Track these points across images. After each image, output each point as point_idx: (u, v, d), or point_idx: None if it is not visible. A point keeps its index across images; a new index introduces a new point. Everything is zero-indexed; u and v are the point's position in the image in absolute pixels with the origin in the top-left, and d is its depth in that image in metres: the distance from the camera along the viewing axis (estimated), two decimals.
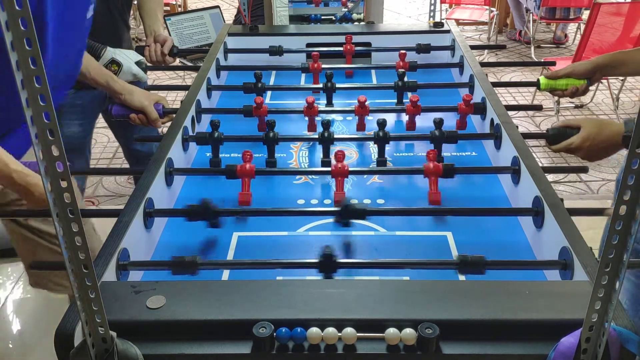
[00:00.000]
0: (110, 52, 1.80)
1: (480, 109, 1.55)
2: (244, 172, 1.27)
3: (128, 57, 1.83)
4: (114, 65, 1.80)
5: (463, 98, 1.57)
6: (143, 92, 1.68)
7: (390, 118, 1.67)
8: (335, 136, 1.41)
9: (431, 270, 1.04)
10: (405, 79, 1.92)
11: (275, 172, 1.40)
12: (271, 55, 1.94)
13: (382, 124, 1.39)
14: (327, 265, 0.99)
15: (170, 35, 2.27)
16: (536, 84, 1.71)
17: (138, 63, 1.85)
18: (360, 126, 1.57)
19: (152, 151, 2.19)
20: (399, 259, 1.09)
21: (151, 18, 2.02)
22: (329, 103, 1.67)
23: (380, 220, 1.22)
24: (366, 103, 1.55)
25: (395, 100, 1.69)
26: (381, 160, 1.41)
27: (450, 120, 1.56)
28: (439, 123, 1.40)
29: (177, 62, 2.16)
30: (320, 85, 1.69)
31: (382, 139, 1.39)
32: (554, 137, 1.43)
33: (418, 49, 1.93)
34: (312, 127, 1.56)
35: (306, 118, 1.57)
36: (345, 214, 1.12)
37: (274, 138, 1.39)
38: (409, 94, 1.61)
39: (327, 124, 1.39)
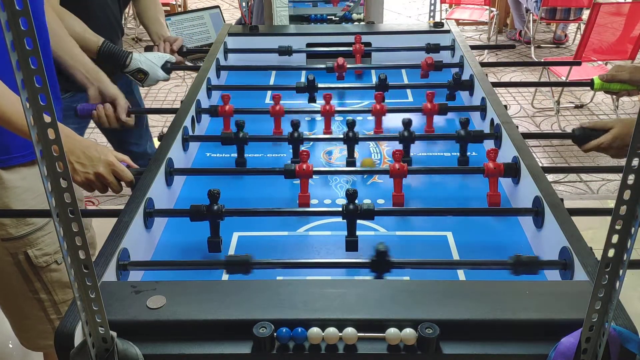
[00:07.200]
0: (137, 61, 1.79)
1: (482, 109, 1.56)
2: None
3: (153, 64, 1.82)
4: (140, 74, 1.79)
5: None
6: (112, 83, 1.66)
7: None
8: (360, 136, 1.40)
9: (431, 270, 1.04)
10: (406, 80, 1.93)
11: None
12: (280, 55, 1.94)
13: (351, 124, 1.38)
14: (380, 264, 0.99)
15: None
16: (590, 84, 1.73)
17: (164, 65, 1.84)
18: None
19: (146, 151, 2.18)
20: (449, 259, 1.08)
21: (155, 25, 2.01)
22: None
23: (380, 220, 1.22)
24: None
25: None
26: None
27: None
28: (464, 123, 1.40)
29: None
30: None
31: (407, 139, 1.40)
32: (581, 138, 1.47)
33: (427, 49, 1.93)
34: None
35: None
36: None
37: (299, 138, 1.39)
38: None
39: (352, 123, 1.38)
